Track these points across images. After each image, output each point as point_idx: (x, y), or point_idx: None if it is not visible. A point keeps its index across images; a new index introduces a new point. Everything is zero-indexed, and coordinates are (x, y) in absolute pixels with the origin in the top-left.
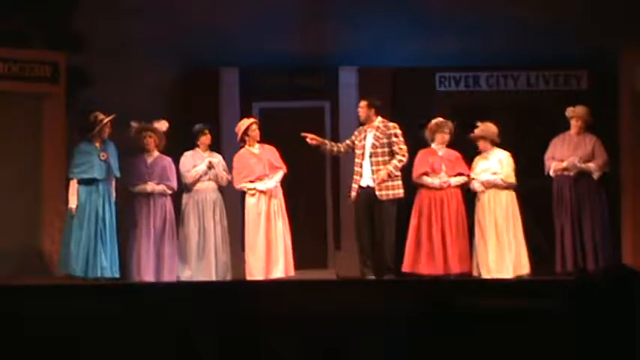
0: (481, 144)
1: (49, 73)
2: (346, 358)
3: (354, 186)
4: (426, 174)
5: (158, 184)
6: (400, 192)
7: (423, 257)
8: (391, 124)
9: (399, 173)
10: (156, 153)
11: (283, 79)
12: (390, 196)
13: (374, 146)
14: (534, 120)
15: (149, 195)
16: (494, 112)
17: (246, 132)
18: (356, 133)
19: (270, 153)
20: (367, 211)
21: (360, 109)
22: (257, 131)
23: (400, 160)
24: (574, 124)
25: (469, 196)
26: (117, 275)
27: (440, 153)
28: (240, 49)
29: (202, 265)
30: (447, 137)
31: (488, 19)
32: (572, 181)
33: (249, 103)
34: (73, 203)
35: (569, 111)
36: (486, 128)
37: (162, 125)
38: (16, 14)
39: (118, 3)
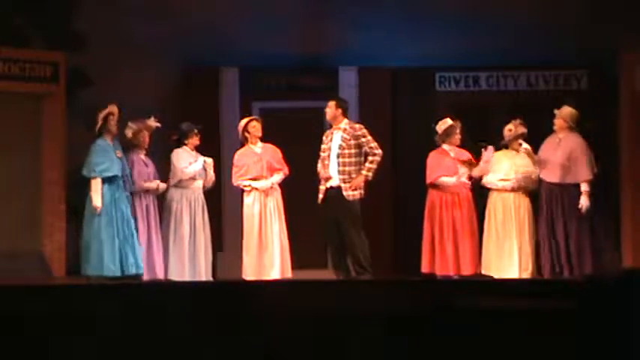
0: (514, 144)
1: (49, 73)
2: (346, 358)
3: (322, 188)
4: (444, 176)
5: (161, 181)
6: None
7: (438, 258)
8: (357, 125)
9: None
10: (144, 151)
11: (283, 79)
12: (357, 196)
13: (341, 147)
14: (534, 120)
15: (139, 193)
16: (494, 112)
17: (246, 129)
18: (323, 138)
19: (272, 153)
20: (333, 212)
21: (327, 110)
22: (257, 128)
23: (373, 161)
24: (555, 122)
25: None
26: (141, 271)
27: (452, 154)
28: (240, 49)
29: (194, 264)
30: (459, 137)
31: (489, 19)
32: (551, 186)
33: (249, 103)
34: (99, 202)
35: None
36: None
37: (154, 123)
38: (16, 14)
39: (118, 3)
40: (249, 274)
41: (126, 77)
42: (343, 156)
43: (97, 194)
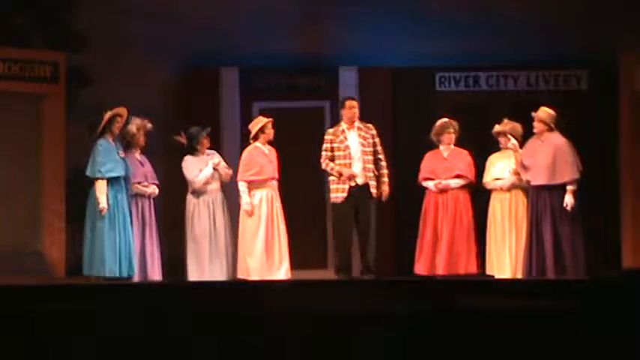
0: (503, 141)
1: (49, 73)
2: (346, 358)
3: (343, 187)
4: (428, 179)
5: (152, 184)
6: None
7: (418, 258)
8: (370, 125)
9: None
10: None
11: (283, 79)
12: (387, 194)
13: (363, 145)
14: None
15: (134, 194)
16: (494, 112)
17: (262, 129)
18: (329, 137)
19: (276, 157)
20: (353, 212)
21: (355, 110)
22: (272, 130)
23: (384, 166)
24: (534, 125)
25: (480, 194)
26: (134, 273)
27: (445, 154)
28: (240, 49)
29: (215, 265)
30: (453, 137)
31: (488, 19)
32: (538, 189)
33: (249, 103)
34: (105, 204)
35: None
36: (514, 126)
37: (148, 124)
38: (16, 14)
39: (118, 3)
40: (253, 274)
41: (126, 77)
42: (366, 154)
43: (103, 195)
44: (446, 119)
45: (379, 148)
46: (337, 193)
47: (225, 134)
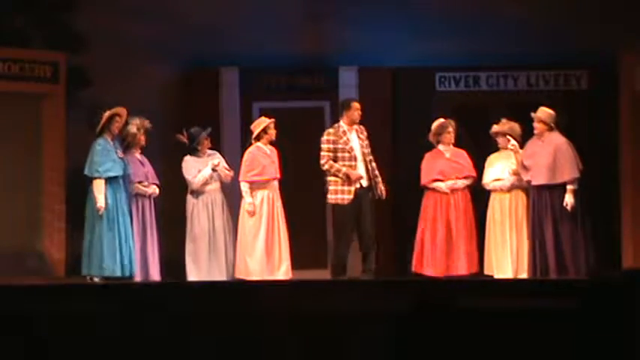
0: (501, 141)
1: (49, 73)
2: (345, 358)
3: (350, 188)
4: (437, 180)
5: (152, 184)
6: None
7: (427, 259)
8: (362, 126)
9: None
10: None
11: (283, 79)
12: (385, 195)
13: (362, 146)
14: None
15: (134, 193)
16: (494, 112)
17: (265, 130)
18: (331, 137)
19: (276, 156)
20: (359, 212)
21: (360, 112)
22: (274, 131)
23: (376, 167)
24: (535, 126)
25: (479, 195)
26: (134, 273)
27: (447, 155)
28: (240, 49)
29: (213, 265)
30: (452, 137)
31: (488, 19)
32: (539, 189)
33: (249, 103)
34: (102, 203)
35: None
36: (512, 126)
37: (147, 122)
38: (16, 14)
39: (118, 3)
40: (253, 275)
41: (126, 77)
42: (365, 155)
43: (100, 195)
44: (443, 119)
45: (370, 149)
46: (343, 194)
47: (226, 134)
